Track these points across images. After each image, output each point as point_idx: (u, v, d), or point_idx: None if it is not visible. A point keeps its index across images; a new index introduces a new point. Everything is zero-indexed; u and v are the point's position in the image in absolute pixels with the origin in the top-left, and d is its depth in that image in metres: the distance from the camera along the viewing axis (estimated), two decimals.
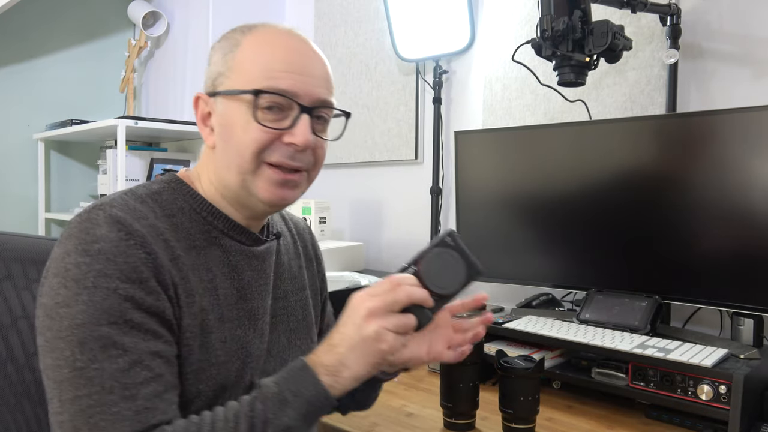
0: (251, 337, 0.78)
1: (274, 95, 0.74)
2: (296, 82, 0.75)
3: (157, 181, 0.79)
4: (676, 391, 1.07)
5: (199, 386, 0.72)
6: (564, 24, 1.18)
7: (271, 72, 0.74)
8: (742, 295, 1.16)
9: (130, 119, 2.30)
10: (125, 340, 0.64)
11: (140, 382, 0.64)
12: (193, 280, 0.73)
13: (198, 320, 0.72)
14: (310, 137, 0.75)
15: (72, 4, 2.81)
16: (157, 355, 0.66)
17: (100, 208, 0.70)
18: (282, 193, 0.77)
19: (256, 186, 0.76)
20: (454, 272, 0.72)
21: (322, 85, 0.78)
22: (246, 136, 0.74)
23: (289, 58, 0.76)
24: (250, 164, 0.75)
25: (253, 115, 0.73)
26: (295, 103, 0.75)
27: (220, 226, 0.78)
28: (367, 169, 2.15)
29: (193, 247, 0.75)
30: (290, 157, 0.75)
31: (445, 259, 0.72)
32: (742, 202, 1.14)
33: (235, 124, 0.75)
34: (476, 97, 1.82)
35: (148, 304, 0.67)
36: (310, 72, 0.77)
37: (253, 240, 0.82)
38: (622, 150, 1.31)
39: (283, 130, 0.75)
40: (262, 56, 0.75)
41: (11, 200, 2.69)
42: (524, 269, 1.48)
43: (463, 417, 1.09)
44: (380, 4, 1.99)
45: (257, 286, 0.81)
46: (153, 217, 0.72)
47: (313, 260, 0.98)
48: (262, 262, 0.83)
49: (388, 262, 2.06)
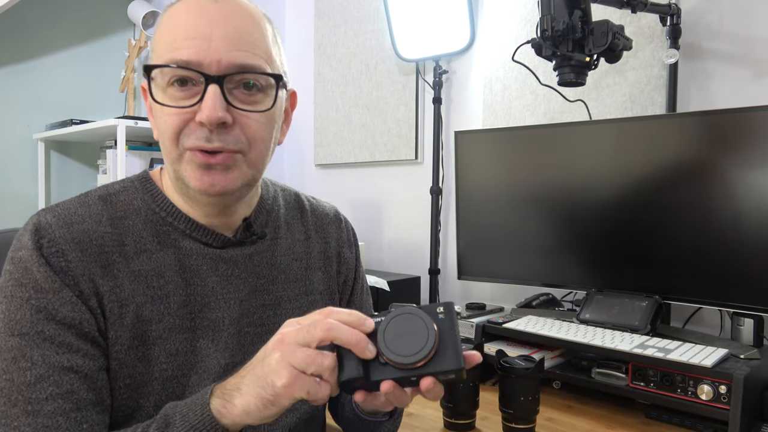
0: (211, 351, 0.71)
1: (170, 68, 0.64)
2: (199, 49, 0.64)
3: (122, 180, 0.75)
4: (676, 391, 1.07)
5: (139, 401, 0.67)
6: (564, 24, 1.18)
7: (174, 43, 0.65)
8: (742, 295, 1.16)
9: (130, 119, 2.31)
10: (34, 353, 0.61)
11: (44, 398, 0.61)
12: (129, 288, 0.68)
13: (134, 331, 0.67)
14: (219, 112, 0.64)
15: (72, 4, 2.81)
16: (69, 370, 0.62)
17: (38, 212, 0.68)
18: (210, 179, 0.67)
19: (185, 174, 0.68)
20: (417, 344, 0.57)
21: (236, 48, 0.66)
22: (160, 121, 0.67)
23: (195, 24, 0.65)
24: (172, 151, 0.67)
25: (150, 95, 0.66)
26: (198, 73, 0.65)
27: (180, 226, 0.72)
28: (367, 169, 2.15)
29: (143, 251, 0.70)
30: (206, 138, 0.65)
31: (416, 326, 0.58)
32: (743, 202, 1.14)
33: (156, 110, 0.68)
34: (476, 97, 1.82)
35: (63, 315, 0.63)
36: (218, 35, 0.65)
37: (221, 242, 0.74)
38: (622, 150, 1.31)
39: (191, 107, 0.65)
40: (169, 27, 0.67)
41: (11, 200, 2.69)
42: (524, 269, 1.48)
43: (463, 417, 1.09)
44: (380, 4, 1.99)
45: (224, 293, 0.73)
46: (92, 221, 0.68)
47: (334, 260, 0.87)
48: (233, 267, 0.75)
49: (388, 262, 2.06)
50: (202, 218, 0.73)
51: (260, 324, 0.77)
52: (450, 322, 0.59)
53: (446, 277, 1.89)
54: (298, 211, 0.86)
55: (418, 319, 0.58)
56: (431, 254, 1.86)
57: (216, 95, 0.64)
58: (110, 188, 0.74)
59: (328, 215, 0.90)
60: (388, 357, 0.57)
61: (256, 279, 0.77)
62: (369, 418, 0.78)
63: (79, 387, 0.62)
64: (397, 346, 0.57)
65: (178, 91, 0.66)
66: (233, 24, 0.67)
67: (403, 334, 0.58)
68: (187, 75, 0.65)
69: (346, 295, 0.90)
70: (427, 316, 0.59)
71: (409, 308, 0.59)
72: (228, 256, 0.74)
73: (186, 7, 0.67)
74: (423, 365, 0.57)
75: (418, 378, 0.58)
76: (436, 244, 1.86)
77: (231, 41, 0.66)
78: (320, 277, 0.85)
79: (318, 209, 0.89)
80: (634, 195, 1.29)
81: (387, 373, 0.58)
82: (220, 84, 0.65)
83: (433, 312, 0.59)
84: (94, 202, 0.70)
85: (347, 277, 0.90)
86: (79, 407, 0.62)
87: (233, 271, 0.75)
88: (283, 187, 0.89)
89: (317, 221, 0.88)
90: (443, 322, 0.59)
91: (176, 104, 0.66)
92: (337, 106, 2.20)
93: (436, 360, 0.57)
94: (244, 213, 0.77)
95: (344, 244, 0.90)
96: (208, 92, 0.64)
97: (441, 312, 0.60)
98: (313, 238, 0.86)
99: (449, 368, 0.57)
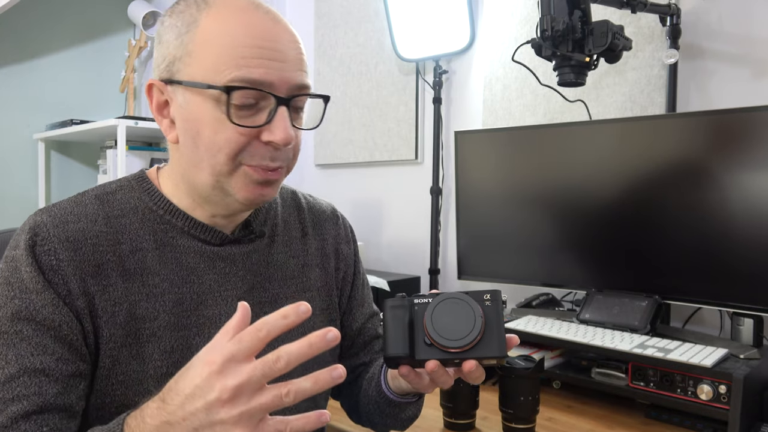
0: None
1: (249, 90, 0.64)
2: (270, 69, 0.64)
3: (119, 180, 0.76)
4: (676, 391, 1.07)
5: (134, 398, 0.67)
6: (564, 24, 1.18)
7: (240, 59, 0.64)
8: (742, 295, 1.16)
9: (130, 119, 2.31)
10: (10, 352, 0.62)
11: (11, 398, 0.61)
12: (122, 287, 0.68)
13: (127, 329, 0.67)
14: (291, 133, 0.66)
15: (72, 4, 2.81)
16: (41, 373, 0.62)
17: (36, 212, 0.68)
18: (262, 192, 0.69)
19: (233, 186, 0.68)
20: (464, 329, 0.59)
21: (297, 68, 0.67)
22: (217, 137, 0.65)
23: (259, 41, 0.65)
24: (226, 166, 0.66)
25: (227, 115, 0.64)
26: (271, 95, 0.65)
27: (179, 224, 0.72)
28: (367, 169, 2.15)
29: (139, 249, 0.70)
30: (270, 158, 0.67)
31: (464, 311, 0.60)
32: (743, 202, 1.14)
33: (202, 122, 0.66)
34: (476, 97, 1.82)
35: (43, 316, 0.63)
36: (284, 55, 0.66)
37: (220, 239, 0.74)
38: (621, 150, 1.31)
39: (259, 127, 0.66)
40: (226, 39, 0.64)
41: (11, 200, 2.69)
42: (524, 269, 1.48)
43: (463, 417, 1.09)
44: (380, 4, 1.99)
45: (221, 291, 0.73)
46: (88, 220, 0.68)
47: (331, 257, 0.87)
48: (231, 265, 0.75)
49: (388, 262, 2.06)
50: (208, 218, 0.74)
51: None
52: (495, 310, 0.61)
53: (446, 277, 1.89)
54: (295, 208, 0.87)
55: (465, 304, 0.61)
56: (431, 254, 1.86)
57: (287, 117, 0.66)
58: (107, 187, 0.74)
59: (324, 212, 0.90)
60: (434, 339, 0.60)
61: (253, 277, 0.77)
62: (398, 398, 0.78)
63: (47, 390, 0.62)
64: (444, 329, 0.60)
65: (241, 110, 0.65)
66: (294, 44, 0.68)
67: (451, 318, 0.60)
68: (258, 95, 0.65)
69: (346, 290, 0.90)
70: (475, 302, 0.61)
71: (457, 293, 0.61)
72: (226, 253, 0.75)
73: (243, 18, 0.66)
74: (467, 350, 0.59)
75: (461, 360, 0.60)
76: (436, 243, 1.86)
77: (296, 62, 0.67)
78: (317, 275, 0.85)
79: (315, 207, 0.90)
80: (634, 195, 1.29)
81: (432, 354, 0.60)
82: (287, 105, 0.66)
83: (480, 298, 0.62)
84: (90, 202, 0.71)
85: (346, 272, 0.90)
86: (42, 410, 0.62)
87: (231, 269, 0.75)
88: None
89: (314, 218, 0.88)
90: (489, 309, 0.61)
91: (245, 123, 0.65)
92: (337, 106, 2.20)
93: (481, 345, 0.60)
94: (246, 213, 0.78)
95: (342, 240, 0.90)
96: (280, 114, 0.66)
97: (488, 299, 0.62)
98: (310, 236, 0.86)
99: (492, 355, 0.60)
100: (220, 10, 0.66)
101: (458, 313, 0.60)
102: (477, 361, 0.60)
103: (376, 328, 0.92)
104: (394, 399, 0.79)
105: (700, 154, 1.20)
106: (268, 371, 0.50)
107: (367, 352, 0.90)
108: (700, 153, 1.20)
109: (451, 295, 0.61)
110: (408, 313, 0.63)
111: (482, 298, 0.62)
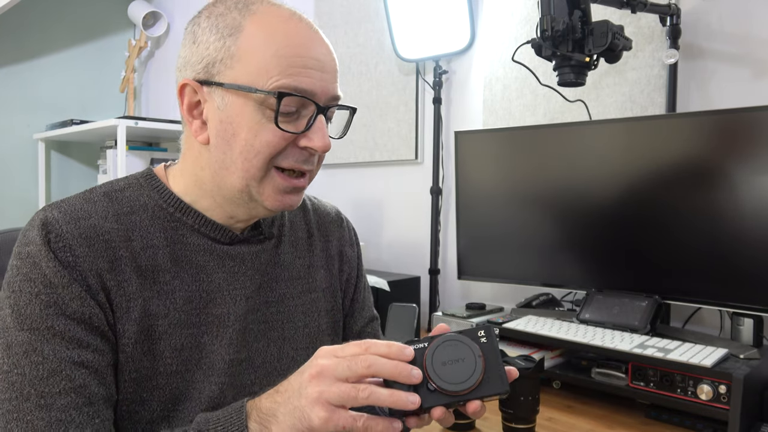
0: (216, 347, 0.72)
1: (296, 96, 0.67)
2: (315, 79, 0.68)
3: (126, 177, 0.76)
4: (676, 391, 1.07)
5: (143, 395, 0.68)
6: (564, 24, 1.18)
7: (288, 68, 0.66)
8: (742, 295, 1.16)
9: (130, 119, 2.31)
10: (45, 348, 0.62)
11: (57, 392, 0.61)
12: (136, 283, 0.68)
13: (141, 326, 0.68)
14: (328, 140, 0.69)
15: (72, 4, 2.82)
16: (80, 365, 0.63)
17: (44, 208, 0.68)
18: (289, 200, 0.72)
19: (262, 193, 0.70)
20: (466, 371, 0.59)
21: (335, 79, 0.72)
22: (257, 139, 0.67)
23: (304, 50, 0.68)
24: (260, 170, 0.68)
25: (274, 119, 0.66)
26: (312, 102, 0.68)
27: (189, 221, 0.73)
28: (367, 169, 2.15)
29: (150, 246, 0.70)
30: (304, 161, 0.70)
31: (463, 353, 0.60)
32: (743, 202, 1.14)
33: (241, 124, 0.67)
34: (476, 97, 1.82)
35: (72, 310, 0.63)
36: (325, 66, 0.70)
37: (230, 238, 0.75)
38: (621, 150, 1.31)
39: (300, 133, 0.68)
40: (273, 47, 0.67)
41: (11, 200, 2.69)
42: (524, 269, 1.48)
43: (463, 417, 1.09)
44: (380, 4, 1.99)
45: (230, 290, 0.74)
46: (98, 217, 0.68)
47: (336, 258, 0.88)
48: (240, 264, 0.76)
49: (388, 262, 2.06)
50: (225, 219, 0.74)
51: (264, 321, 0.77)
52: (491, 346, 0.61)
53: (446, 277, 1.89)
54: (300, 210, 0.88)
55: (463, 345, 0.60)
56: (431, 254, 1.86)
57: (324, 125, 0.70)
58: (114, 185, 0.74)
59: (329, 214, 0.91)
60: (438, 385, 0.59)
61: (261, 276, 0.78)
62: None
63: (91, 382, 0.63)
64: (446, 373, 0.59)
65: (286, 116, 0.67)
66: (332, 55, 0.72)
67: (451, 361, 0.60)
68: (301, 104, 0.68)
69: (349, 293, 0.91)
70: (472, 342, 0.61)
71: (453, 335, 0.61)
72: (235, 252, 0.75)
73: (291, 31, 0.68)
74: (472, 391, 0.59)
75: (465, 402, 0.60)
76: (436, 244, 1.86)
77: (334, 73, 0.71)
78: (323, 275, 0.86)
79: (320, 209, 0.91)
80: (634, 195, 1.29)
81: (437, 400, 0.59)
82: (324, 114, 0.70)
83: (475, 336, 0.61)
84: (99, 199, 0.71)
85: (350, 275, 0.91)
86: (91, 402, 0.63)
87: (240, 268, 0.76)
88: None
89: (319, 220, 0.89)
90: (486, 346, 0.61)
91: (289, 128, 0.68)
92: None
93: (484, 385, 0.60)
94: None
95: (346, 242, 0.91)
96: (320, 122, 0.69)
97: (482, 336, 0.62)
98: (315, 237, 0.87)
99: (496, 392, 0.60)
100: (264, 17, 0.68)
101: (457, 355, 0.60)
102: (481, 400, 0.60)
103: (375, 332, 0.93)
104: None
105: (700, 155, 1.20)
106: (352, 365, 0.56)
107: None
108: (700, 153, 1.20)
109: (447, 337, 0.61)
110: None
111: (477, 336, 0.61)
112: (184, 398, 0.70)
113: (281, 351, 0.78)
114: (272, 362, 0.77)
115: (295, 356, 0.79)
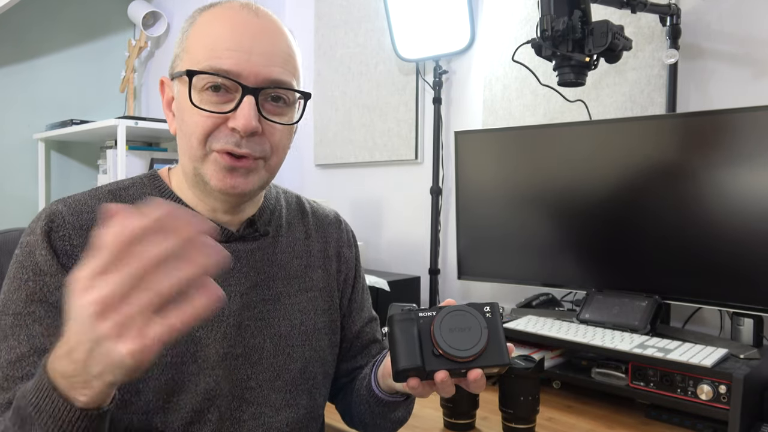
0: (210, 340, 0.74)
1: (212, 75, 0.69)
2: (239, 60, 0.69)
3: (132, 177, 0.81)
4: (676, 391, 1.07)
5: (138, 385, 0.69)
6: (564, 24, 1.18)
7: (215, 51, 0.69)
8: (742, 295, 1.16)
9: (130, 119, 2.31)
10: (22, 332, 0.65)
11: (20, 376, 0.63)
12: None
13: None
14: (253, 122, 0.69)
15: (72, 4, 2.82)
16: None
17: (52, 203, 0.72)
18: (232, 181, 0.71)
19: (206, 173, 0.72)
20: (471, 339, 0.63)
21: (273, 63, 0.71)
22: (190, 120, 0.71)
23: (236, 36, 0.70)
24: (198, 150, 0.71)
25: (189, 97, 0.69)
26: (238, 84, 0.69)
27: None
28: (367, 169, 2.15)
29: None
30: (236, 143, 0.70)
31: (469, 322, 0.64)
32: (742, 202, 1.14)
33: (183, 108, 0.72)
34: (476, 97, 1.82)
35: (56, 298, 0.66)
36: (258, 49, 0.70)
37: (225, 236, 0.77)
38: (621, 150, 1.31)
39: (226, 113, 0.70)
40: (210, 34, 0.71)
41: (11, 200, 2.69)
42: (524, 269, 1.48)
43: (463, 417, 1.09)
44: (380, 4, 1.99)
45: (224, 285, 0.75)
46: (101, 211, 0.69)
47: (333, 259, 0.90)
48: (235, 261, 0.77)
49: (388, 262, 2.06)
50: (210, 213, 0.77)
51: (260, 318, 0.79)
52: (495, 321, 0.66)
53: (446, 277, 1.89)
54: (299, 212, 0.90)
55: (470, 316, 0.64)
56: (431, 254, 1.86)
57: (252, 106, 0.69)
58: (120, 183, 0.79)
59: (328, 217, 0.93)
60: (444, 350, 0.62)
61: (257, 274, 0.79)
62: (388, 397, 0.80)
63: None
64: (452, 339, 0.63)
65: (213, 96, 0.70)
66: (272, 40, 0.72)
67: (458, 330, 0.63)
68: (226, 84, 0.69)
69: (347, 293, 0.92)
70: (479, 314, 0.65)
71: (461, 306, 0.65)
72: (231, 250, 0.76)
73: (227, 16, 0.71)
74: (475, 359, 0.63)
75: (467, 370, 0.63)
76: (436, 244, 1.86)
77: (269, 57, 0.71)
78: (319, 275, 0.87)
79: (318, 211, 0.93)
80: (634, 195, 1.29)
81: (441, 364, 0.63)
82: (255, 96, 0.70)
83: (481, 310, 0.66)
84: (104, 195, 0.75)
85: (347, 275, 0.92)
86: None
87: (235, 265, 0.77)
88: (284, 190, 0.92)
89: (318, 222, 0.91)
90: (490, 320, 0.65)
91: (211, 108, 0.70)
92: (337, 106, 2.20)
93: (486, 355, 0.64)
94: (251, 211, 0.81)
95: (344, 244, 0.92)
96: (245, 102, 0.69)
97: (488, 311, 0.66)
98: (313, 238, 0.88)
99: (497, 363, 0.64)
100: (214, 11, 0.73)
101: (464, 324, 0.64)
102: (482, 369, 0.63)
103: (374, 332, 0.94)
104: (384, 398, 0.80)
105: (700, 154, 1.20)
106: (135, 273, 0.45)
107: (364, 356, 0.92)
108: (700, 153, 1.20)
109: (455, 307, 0.65)
110: (415, 325, 0.65)
111: (483, 310, 0.65)
112: (180, 390, 0.71)
113: (277, 348, 0.79)
114: (268, 358, 0.78)
115: (291, 353, 0.80)
